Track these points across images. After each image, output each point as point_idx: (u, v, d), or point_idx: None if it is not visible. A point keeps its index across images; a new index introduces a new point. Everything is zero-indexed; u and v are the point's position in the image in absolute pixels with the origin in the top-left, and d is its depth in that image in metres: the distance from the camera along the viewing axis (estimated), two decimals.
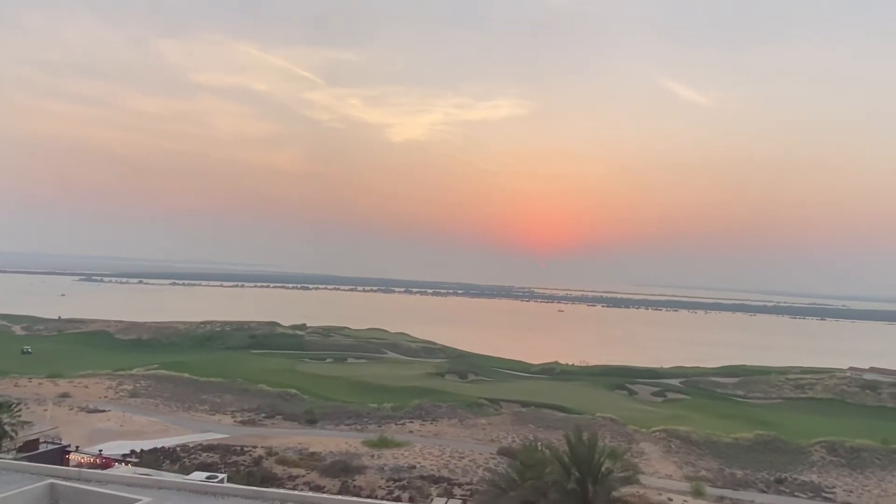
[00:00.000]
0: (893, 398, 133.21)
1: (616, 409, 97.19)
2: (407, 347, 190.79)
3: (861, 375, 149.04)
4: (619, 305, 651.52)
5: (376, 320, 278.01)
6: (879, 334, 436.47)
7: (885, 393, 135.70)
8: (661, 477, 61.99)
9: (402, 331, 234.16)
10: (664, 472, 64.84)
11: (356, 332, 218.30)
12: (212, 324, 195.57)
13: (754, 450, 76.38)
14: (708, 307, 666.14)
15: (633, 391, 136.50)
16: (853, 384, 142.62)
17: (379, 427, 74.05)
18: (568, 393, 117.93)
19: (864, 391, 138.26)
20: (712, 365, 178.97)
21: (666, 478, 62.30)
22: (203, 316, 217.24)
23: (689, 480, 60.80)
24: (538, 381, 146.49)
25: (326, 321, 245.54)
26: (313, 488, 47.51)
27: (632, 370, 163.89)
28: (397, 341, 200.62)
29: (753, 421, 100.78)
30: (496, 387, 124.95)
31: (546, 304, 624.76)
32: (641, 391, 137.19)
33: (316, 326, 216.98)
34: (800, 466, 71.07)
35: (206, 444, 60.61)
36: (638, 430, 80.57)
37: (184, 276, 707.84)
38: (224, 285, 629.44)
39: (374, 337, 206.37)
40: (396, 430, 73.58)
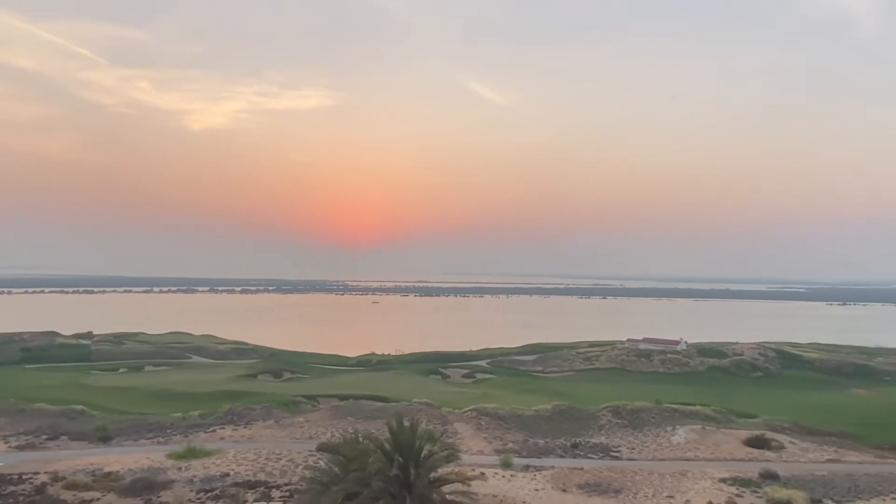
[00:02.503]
0: (663, 364, 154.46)
1: (431, 394, 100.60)
2: (214, 350, 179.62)
3: (637, 346, 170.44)
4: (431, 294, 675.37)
5: (177, 323, 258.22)
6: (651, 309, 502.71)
7: (656, 360, 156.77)
8: (474, 453, 65.50)
9: (208, 333, 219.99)
10: (476, 448, 68.59)
11: (154, 337, 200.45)
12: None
13: (553, 419, 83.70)
14: (510, 292, 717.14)
15: (445, 375, 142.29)
16: (630, 354, 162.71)
17: (186, 437, 68.86)
18: (385, 382, 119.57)
19: (639, 359, 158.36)
20: (514, 345, 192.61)
21: (478, 453, 65.95)
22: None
23: (499, 453, 64.95)
24: (356, 373, 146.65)
25: (117, 327, 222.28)
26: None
27: (444, 355, 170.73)
28: (203, 344, 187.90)
29: (551, 393, 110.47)
30: (313, 383, 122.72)
31: (361, 297, 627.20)
32: (453, 374, 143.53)
33: (105, 334, 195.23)
34: (591, 430, 79.33)
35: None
36: (451, 411, 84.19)
37: None
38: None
39: (175, 341, 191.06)
40: (206, 438, 69.08)
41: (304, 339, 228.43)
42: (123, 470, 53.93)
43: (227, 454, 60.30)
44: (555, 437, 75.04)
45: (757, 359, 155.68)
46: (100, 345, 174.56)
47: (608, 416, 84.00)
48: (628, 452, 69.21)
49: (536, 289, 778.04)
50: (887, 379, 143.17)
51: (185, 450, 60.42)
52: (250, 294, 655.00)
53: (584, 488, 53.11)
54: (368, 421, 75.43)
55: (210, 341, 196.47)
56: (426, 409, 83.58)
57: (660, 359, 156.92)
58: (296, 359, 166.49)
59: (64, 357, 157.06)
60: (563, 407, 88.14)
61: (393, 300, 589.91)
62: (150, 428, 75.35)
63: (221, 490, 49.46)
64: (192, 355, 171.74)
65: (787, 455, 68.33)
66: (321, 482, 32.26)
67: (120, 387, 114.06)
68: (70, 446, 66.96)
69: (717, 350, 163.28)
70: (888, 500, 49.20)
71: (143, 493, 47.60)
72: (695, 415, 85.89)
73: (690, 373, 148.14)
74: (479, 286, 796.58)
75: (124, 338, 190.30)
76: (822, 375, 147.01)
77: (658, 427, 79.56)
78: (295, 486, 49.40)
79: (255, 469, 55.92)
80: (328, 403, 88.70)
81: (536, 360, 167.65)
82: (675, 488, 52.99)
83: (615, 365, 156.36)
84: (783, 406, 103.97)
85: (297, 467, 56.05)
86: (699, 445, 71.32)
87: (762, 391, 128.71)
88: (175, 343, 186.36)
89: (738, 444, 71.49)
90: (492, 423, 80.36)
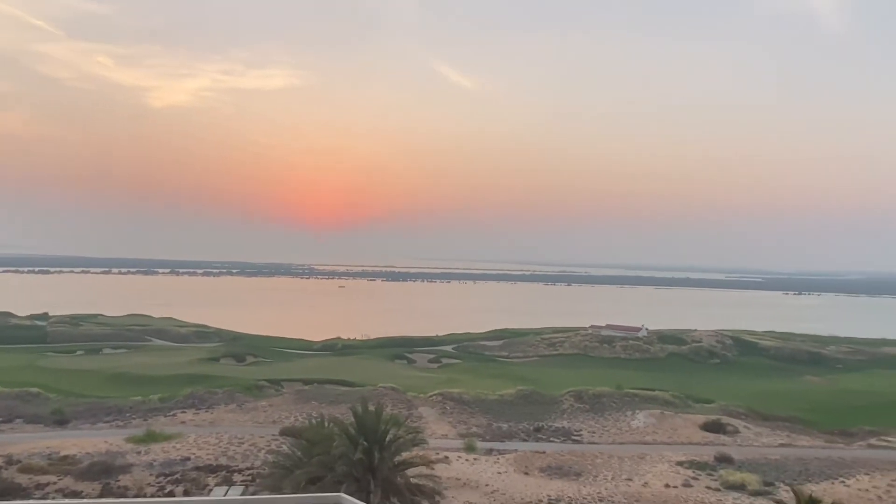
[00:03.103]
0: (625, 350, 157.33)
1: (396, 379, 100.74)
2: (175, 333, 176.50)
3: (599, 332, 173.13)
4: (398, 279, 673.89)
5: (137, 305, 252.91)
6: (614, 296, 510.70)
7: (618, 346, 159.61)
8: (438, 437, 65.90)
9: (169, 315, 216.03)
10: (440, 432, 69.05)
11: (113, 319, 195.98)
12: None
13: (517, 404, 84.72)
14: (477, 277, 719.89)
15: (411, 360, 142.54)
16: (593, 340, 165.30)
17: (145, 421, 67.75)
18: (350, 367, 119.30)
19: (602, 345, 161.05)
20: (481, 330, 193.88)
21: (442, 437, 66.41)
22: None
23: (463, 437, 65.53)
24: (321, 357, 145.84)
25: (75, 309, 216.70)
26: (68, 495, 42.16)
27: (410, 340, 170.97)
28: (163, 327, 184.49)
29: (516, 378, 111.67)
30: (277, 367, 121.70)
31: (327, 281, 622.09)
32: (419, 359, 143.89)
33: (62, 315, 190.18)
34: (553, 415, 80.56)
35: None
36: (417, 395, 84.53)
37: None
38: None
39: (134, 324, 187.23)
40: (166, 422, 68.07)
41: (268, 323, 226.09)
42: (81, 454, 52.84)
43: (187, 438, 59.54)
44: (518, 422, 75.98)
45: (715, 346, 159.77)
46: (56, 326, 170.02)
47: (571, 401, 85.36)
48: (589, 436, 70.53)
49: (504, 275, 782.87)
50: (839, 367, 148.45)
51: (145, 434, 59.47)
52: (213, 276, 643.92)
53: (546, 471, 53.98)
54: (333, 405, 75.21)
55: (171, 324, 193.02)
56: (391, 393, 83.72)
57: (622, 345, 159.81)
58: (259, 342, 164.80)
59: (18, 339, 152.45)
60: (527, 392, 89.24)
61: (359, 285, 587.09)
62: (108, 411, 73.92)
63: (182, 474, 48.88)
64: (152, 338, 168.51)
65: (741, 439, 70.46)
66: (284, 466, 32.10)
67: (77, 369, 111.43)
68: (25, 429, 65.29)
69: (677, 337, 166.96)
70: (836, 483, 51.16)
71: (101, 478, 46.73)
72: (654, 400, 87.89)
73: (651, 359, 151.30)
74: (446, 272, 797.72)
75: (81, 319, 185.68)
76: (777, 363, 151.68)
77: (618, 412, 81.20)
78: (257, 470, 49.09)
79: (216, 453, 55.35)
80: (292, 388, 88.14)
81: (502, 345, 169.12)
82: (633, 471, 54.23)
83: (578, 351, 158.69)
84: (739, 392, 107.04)
85: (260, 451, 55.69)
86: (658, 430, 73.05)
87: (719, 377, 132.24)
88: (134, 325, 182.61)
89: (695, 428, 73.44)
90: (456, 407, 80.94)
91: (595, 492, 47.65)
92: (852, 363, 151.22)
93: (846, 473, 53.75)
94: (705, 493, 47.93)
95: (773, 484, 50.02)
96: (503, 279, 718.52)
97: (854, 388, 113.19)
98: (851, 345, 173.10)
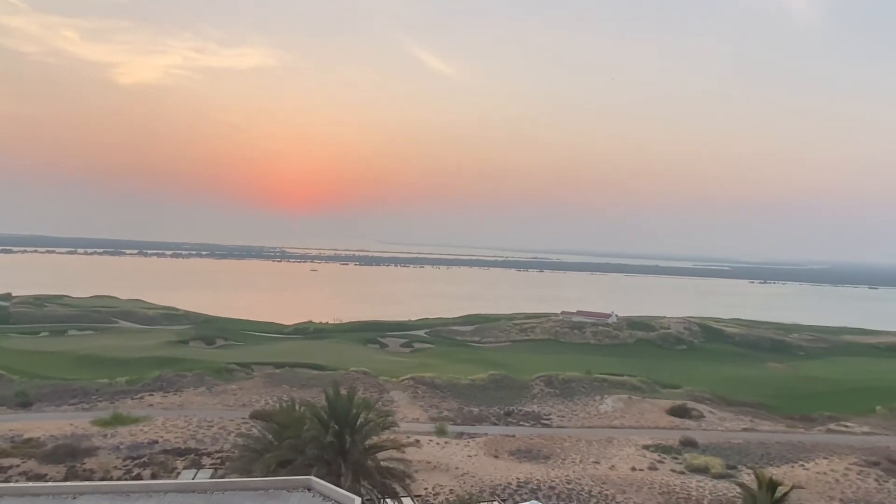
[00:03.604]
0: (595, 336, 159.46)
1: (368, 363, 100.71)
2: (143, 315, 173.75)
3: (570, 318, 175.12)
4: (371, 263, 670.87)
5: (104, 286, 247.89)
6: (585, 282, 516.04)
7: (588, 332, 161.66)
8: (410, 421, 66.18)
9: (137, 297, 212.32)
10: (412, 416, 69.33)
11: (79, 300, 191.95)
12: None
13: (488, 388, 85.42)
14: (450, 263, 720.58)
15: (384, 344, 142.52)
16: (564, 325, 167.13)
17: (112, 404, 66.67)
18: (322, 351, 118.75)
19: (572, 331, 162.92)
20: (453, 315, 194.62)
21: (414, 421, 66.70)
22: None
23: (434, 421, 65.89)
24: (292, 341, 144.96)
25: (39, 289, 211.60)
26: (31, 478, 41.41)
27: (382, 324, 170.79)
28: (131, 309, 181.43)
29: (487, 363, 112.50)
30: (247, 350, 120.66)
31: (299, 264, 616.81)
32: (392, 343, 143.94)
33: (25, 295, 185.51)
34: (524, 399, 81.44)
35: None
36: (388, 380, 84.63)
37: None
38: None
39: (101, 305, 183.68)
40: (133, 405, 67.13)
41: (239, 306, 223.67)
42: (45, 436, 51.85)
43: (155, 421, 58.79)
44: (489, 406, 76.64)
45: (682, 332, 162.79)
46: (19, 307, 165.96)
47: (541, 386, 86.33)
48: (559, 420, 71.49)
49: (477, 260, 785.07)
50: (801, 354, 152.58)
51: (111, 416, 58.56)
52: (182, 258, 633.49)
53: (515, 454, 54.61)
54: (304, 389, 74.94)
55: (138, 306, 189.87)
56: (363, 377, 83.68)
57: (592, 331, 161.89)
58: (230, 325, 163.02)
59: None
60: (499, 376, 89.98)
61: (332, 268, 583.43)
62: (73, 394, 72.60)
63: (150, 457, 48.30)
64: (119, 320, 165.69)
65: (706, 424, 72.12)
66: (254, 449, 31.93)
67: (41, 351, 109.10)
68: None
69: (646, 323, 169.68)
70: (797, 466, 52.72)
71: (66, 460, 45.94)
72: (622, 385, 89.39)
73: (620, 345, 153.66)
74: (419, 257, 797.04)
75: (46, 300, 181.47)
76: (742, 349, 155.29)
77: (588, 396, 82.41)
78: (227, 453, 48.73)
79: (185, 436, 54.78)
80: (263, 371, 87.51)
81: (474, 330, 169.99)
82: (601, 454, 55.17)
83: (549, 336, 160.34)
84: (705, 378, 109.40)
85: (230, 435, 55.26)
86: (625, 414, 74.35)
87: (686, 363, 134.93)
88: (101, 307, 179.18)
89: (661, 413, 74.91)
90: (428, 391, 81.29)
91: (563, 475, 48.37)
92: (814, 350, 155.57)
93: (806, 457, 55.41)
94: (670, 475, 49.01)
95: (735, 467, 51.35)
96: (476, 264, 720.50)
97: (815, 375, 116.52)
98: (813, 333, 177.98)
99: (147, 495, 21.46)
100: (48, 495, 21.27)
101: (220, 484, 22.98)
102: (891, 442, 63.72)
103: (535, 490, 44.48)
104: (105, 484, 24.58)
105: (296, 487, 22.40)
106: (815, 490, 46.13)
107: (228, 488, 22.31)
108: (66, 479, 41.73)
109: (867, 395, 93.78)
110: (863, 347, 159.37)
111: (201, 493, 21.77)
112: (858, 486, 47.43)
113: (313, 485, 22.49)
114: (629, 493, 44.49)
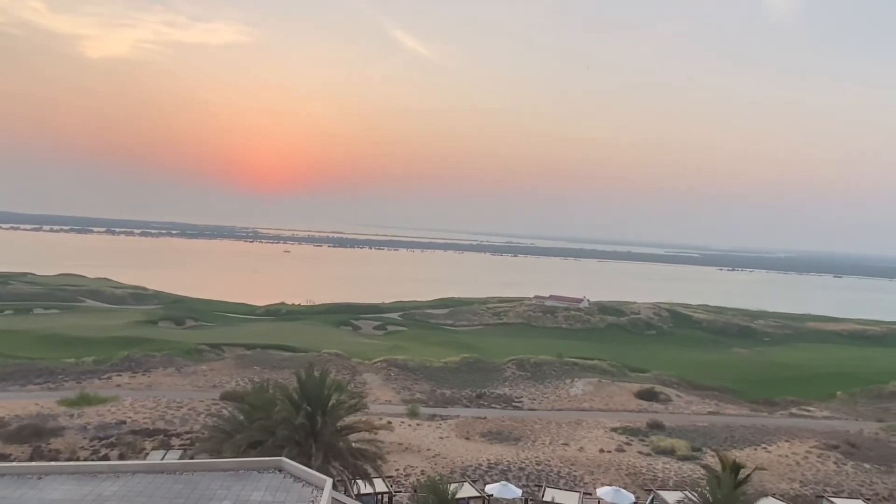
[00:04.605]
0: (567, 320, 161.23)
1: (341, 345, 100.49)
2: (111, 294, 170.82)
3: (543, 302, 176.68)
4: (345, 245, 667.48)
5: (70, 265, 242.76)
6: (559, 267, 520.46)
7: (560, 316, 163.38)
8: (382, 403, 66.35)
9: (104, 276, 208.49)
10: (384, 398, 69.49)
11: (43, 278, 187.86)
12: None
13: (460, 371, 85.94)
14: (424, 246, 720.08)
15: (357, 326, 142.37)
16: (537, 310, 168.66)
17: (78, 384, 65.55)
18: (294, 332, 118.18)
19: (545, 315, 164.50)
20: (427, 298, 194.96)
21: (386, 403, 66.88)
22: None
23: (406, 403, 66.17)
24: (264, 322, 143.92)
25: (3, 266, 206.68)
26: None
27: (356, 307, 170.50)
28: (98, 287, 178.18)
29: (460, 346, 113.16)
30: (218, 331, 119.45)
31: (271, 245, 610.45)
32: (365, 326, 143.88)
33: None
34: (496, 382, 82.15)
35: None
36: (361, 362, 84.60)
37: None
38: None
39: (67, 283, 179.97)
40: (101, 385, 66.04)
41: (210, 287, 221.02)
42: (9, 416, 50.82)
43: (123, 402, 58.00)
44: (461, 388, 77.15)
45: (652, 318, 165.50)
46: None
47: (512, 369, 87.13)
48: (529, 403, 72.31)
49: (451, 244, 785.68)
50: (766, 340, 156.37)
51: (78, 396, 57.59)
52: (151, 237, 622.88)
53: (486, 436, 55.16)
54: (276, 370, 74.50)
55: (106, 285, 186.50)
56: (336, 359, 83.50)
57: (564, 315, 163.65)
58: (200, 306, 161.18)
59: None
60: (471, 359, 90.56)
61: (305, 250, 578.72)
62: (38, 373, 71.12)
63: (117, 438, 47.71)
64: (86, 299, 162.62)
65: (672, 407, 73.58)
66: (224, 430, 31.68)
67: (5, 329, 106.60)
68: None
69: (617, 308, 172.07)
70: (759, 449, 54.16)
71: (32, 440, 45.18)
72: (592, 368, 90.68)
73: (591, 329, 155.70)
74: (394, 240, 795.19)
75: (10, 278, 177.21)
76: (709, 335, 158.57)
77: (558, 379, 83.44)
78: (196, 434, 48.33)
79: (153, 417, 54.18)
80: (234, 352, 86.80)
81: (448, 313, 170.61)
82: (570, 436, 56.00)
83: (522, 320, 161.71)
84: (673, 362, 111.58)
85: (199, 416, 54.79)
86: (595, 397, 75.50)
87: (655, 348, 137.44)
88: (67, 285, 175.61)
89: (629, 396, 76.21)
90: (401, 374, 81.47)
91: (533, 456, 49.03)
92: (779, 337, 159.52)
93: (768, 440, 56.94)
94: (637, 457, 49.99)
95: (700, 449, 52.58)
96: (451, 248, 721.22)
97: (779, 361, 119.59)
98: (779, 319, 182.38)
99: (115, 476, 21.18)
100: (12, 475, 20.88)
101: (190, 465, 22.78)
102: (850, 426, 65.78)
103: (505, 471, 45.03)
104: (71, 465, 24.19)
105: (266, 468, 22.32)
106: (776, 472, 47.46)
107: (198, 469, 22.13)
108: (31, 460, 41.04)
109: (829, 380, 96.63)
110: (826, 334, 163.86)
111: (170, 474, 21.56)
112: (818, 468, 48.92)
113: (284, 465, 22.43)
114: (597, 474, 45.30)
